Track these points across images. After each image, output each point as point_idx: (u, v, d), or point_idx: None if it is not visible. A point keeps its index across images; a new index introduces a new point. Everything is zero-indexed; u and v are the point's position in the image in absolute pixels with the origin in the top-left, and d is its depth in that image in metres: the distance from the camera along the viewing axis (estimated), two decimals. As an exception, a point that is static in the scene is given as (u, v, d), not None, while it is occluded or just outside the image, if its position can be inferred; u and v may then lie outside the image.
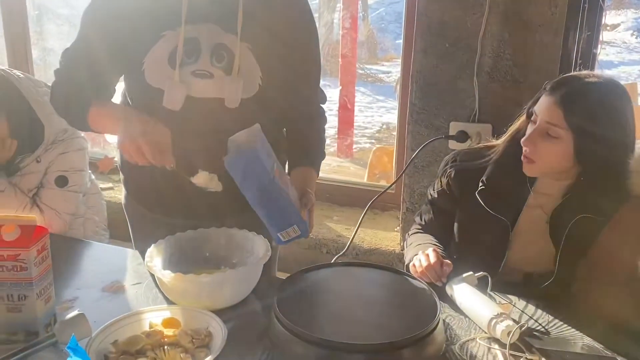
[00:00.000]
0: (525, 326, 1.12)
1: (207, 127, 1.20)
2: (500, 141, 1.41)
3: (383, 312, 1.11)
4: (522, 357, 1.03)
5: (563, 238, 1.29)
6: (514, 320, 1.10)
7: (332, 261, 1.59)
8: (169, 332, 1.03)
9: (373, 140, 6.18)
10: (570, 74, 1.33)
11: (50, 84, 1.83)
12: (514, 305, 1.23)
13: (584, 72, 1.31)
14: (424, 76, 1.93)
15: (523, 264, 1.37)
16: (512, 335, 1.05)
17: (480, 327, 1.13)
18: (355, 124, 5.70)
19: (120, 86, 1.36)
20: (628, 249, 1.21)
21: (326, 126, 1.46)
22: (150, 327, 1.05)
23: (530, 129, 1.29)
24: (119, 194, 2.61)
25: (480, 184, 1.37)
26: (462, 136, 1.89)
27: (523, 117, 1.35)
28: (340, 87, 5.00)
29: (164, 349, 0.98)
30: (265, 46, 1.26)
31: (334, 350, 0.95)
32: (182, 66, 1.21)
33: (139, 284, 1.28)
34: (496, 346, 1.07)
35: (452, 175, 1.44)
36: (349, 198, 2.43)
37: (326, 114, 1.46)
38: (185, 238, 1.28)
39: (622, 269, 1.23)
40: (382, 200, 2.24)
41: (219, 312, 1.08)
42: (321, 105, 1.43)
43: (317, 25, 1.40)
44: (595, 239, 1.27)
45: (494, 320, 1.09)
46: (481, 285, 1.24)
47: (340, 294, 1.15)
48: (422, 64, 1.93)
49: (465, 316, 1.18)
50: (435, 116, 1.95)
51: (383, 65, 10.26)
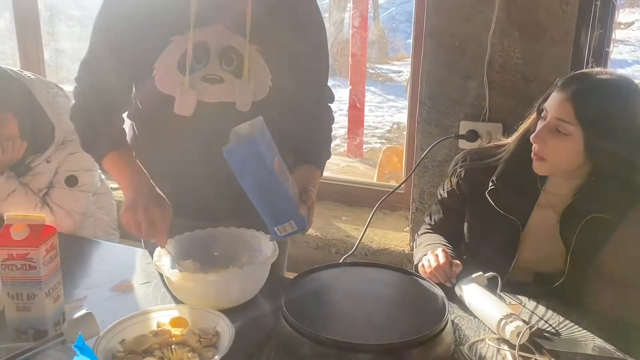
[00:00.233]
0: (535, 327, 1.10)
1: (218, 131, 1.20)
2: (511, 140, 1.40)
3: (391, 312, 1.10)
4: (532, 358, 1.02)
5: (574, 238, 1.28)
6: (524, 321, 1.08)
7: (341, 261, 1.59)
8: (176, 331, 1.03)
9: (383, 140, 6.17)
10: (582, 70, 1.32)
11: (61, 85, 1.86)
12: (524, 306, 1.22)
13: (596, 69, 1.30)
14: (433, 75, 1.92)
15: (533, 264, 1.36)
16: (522, 336, 1.04)
17: (489, 328, 1.12)
18: (365, 123, 5.69)
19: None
20: (638, 250, 1.20)
21: (336, 126, 1.45)
22: (158, 326, 1.05)
23: (540, 125, 1.28)
24: (130, 193, 2.63)
25: (490, 183, 1.35)
26: (472, 135, 1.87)
27: (533, 115, 1.33)
28: (350, 87, 4.99)
29: (171, 349, 0.98)
30: (274, 48, 1.25)
31: (342, 350, 0.95)
32: (192, 71, 1.21)
33: (148, 284, 1.28)
34: (506, 347, 1.06)
35: (462, 175, 1.43)
36: (358, 198, 2.42)
37: (334, 113, 1.45)
38: (194, 237, 1.28)
39: (635, 269, 1.21)
40: (391, 200, 2.23)
41: (226, 312, 1.08)
42: (329, 104, 1.43)
43: (327, 24, 1.40)
44: (608, 239, 1.26)
45: (504, 321, 1.08)
46: (491, 285, 1.23)
47: (348, 294, 1.15)
48: (432, 63, 1.91)
49: (475, 317, 1.17)
50: (445, 115, 1.94)
51: (394, 64, 10.24)
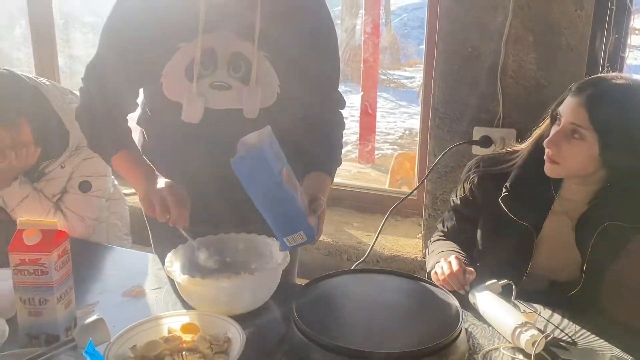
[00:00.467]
0: (551, 336, 1.08)
1: (226, 138, 1.19)
2: (524, 145, 1.39)
3: (404, 320, 1.09)
4: (547, 368, 1.00)
5: (590, 246, 1.26)
6: (539, 330, 1.07)
7: (352, 268, 1.58)
8: (187, 337, 1.02)
9: (395, 146, 6.15)
10: (596, 75, 1.30)
11: (75, 92, 1.87)
12: (539, 315, 1.20)
13: (611, 74, 1.28)
14: (446, 80, 1.91)
15: (548, 271, 1.34)
16: (537, 346, 1.02)
17: (504, 337, 1.10)
18: (377, 129, 5.68)
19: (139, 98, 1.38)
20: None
21: (347, 132, 1.45)
22: (169, 332, 1.05)
23: (554, 130, 1.26)
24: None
25: (504, 190, 1.34)
26: (486, 141, 1.85)
27: (547, 121, 1.32)
28: (362, 93, 4.99)
29: (182, 355, 0.98)
30: (283, 54, 1.25)
31: (353, 358, 0.94)
32: (200, 78, 1.21)
33: (159, 289, 1.28)
34: (521, 356, 1.04)
35: (475, 181, 1.42)
36: (370, 204, 2.40)
37: (345, 120, 1.44)
38: (205, 243, 1.28)
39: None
40: (403, 206, 2.22)
41: (237, 318, 1.07)
42: (340, 110, 1.42)
43: (339, 30, 1.39)
44: (624, 246, 1.23)
45: (519, 330, 1.06)
46: (505, 293, 1.21)
47: (360, 301, 1.14)
48: (445, 68, 1.90)
49: (489, 325, 1.15)
50: (458, 121, 1.92)
51: (406, 70, 10.22)
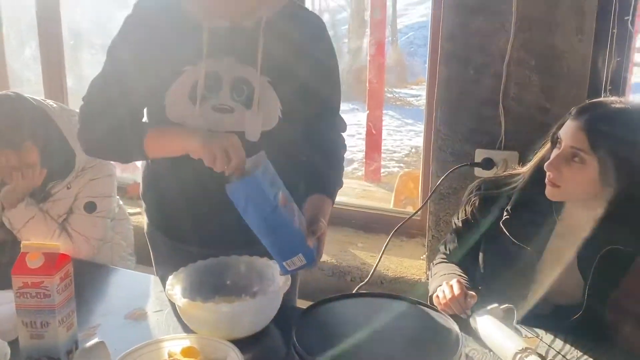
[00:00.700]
0: (552, 362, 1.08)
1: None
2: (526, 169, 1.39)
3: (403, 344, 1.09)
4: (548, 395, 1.00)
5: (592, 270, 1.25)
6: (540, 356, 1.06)
7: (355, 291, 1.58)
8: (186, 361, 1.03)
9: (402, 164, 6.16)
10: (596, 99, 1.31)
11: None
12: (541, 340, 1.19)
13: (611, 98, 1.29)
14: (449, 102, 1.93)
15: (551, 295, 1.33)
16: (538, 372, 1.02)
17: (504, 362, 1.10)
18: (383, 147, 5.69)
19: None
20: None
21: (354, 149, 1.46)
22: (169, 356, 1.05)
23: (554, 154, 1.27)
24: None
25: (505, 213, 1.34)
26: (488, 163, 1.86)
27: (548, 144, 1.32)
28: (368, 112, 5.01)
29: (181, 379, 0.98)
30: (285, 79, 1.27)
31: (352, 384, 0.93)
32: (203, 101, 1.22)
33: (161, 312, 1.29)
34: (521, 383, 1.04)
35: (477, 203, 1.42)
36: (374, 224, 2.41)
37: (352, 137, 1.45)
38: (207, 265, 1.29)
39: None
40: (408, 227, 2.22)
41: (237, 342, 1.07)
42: (341, 133, 1.43)
43: (345, 50, 1.41)
44: (627, 271, 1.23)
45: (519, 355, 1.06)
46: (508, 317, 1.21)
47: (360, 325, 1.13)
48: (447, 90, 1.92)
49: (490, 350, 1.15)
50: (461, 143, 1.93)
51: (412, 89, 10.27)
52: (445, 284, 1.30)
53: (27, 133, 1.70)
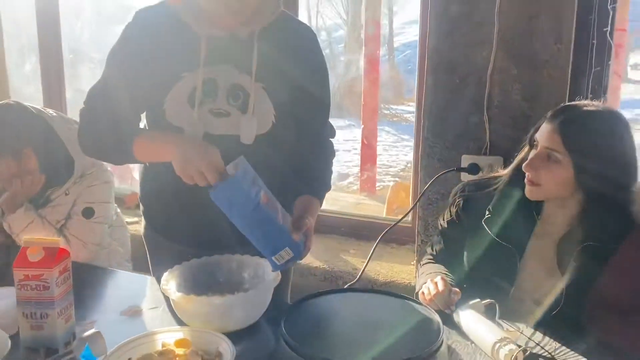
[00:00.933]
0: (529, 351, 1.12)
1: (224, 161, 1.27)
2: (507, 171, 1.45)
3: (388, 335, 1.13)
4: (525, 380, 1.04)
5: (570, 266, 1.30)
6: (519, 346, 1.11)
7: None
8: (180, 351, 1.07)
9: (397, 179, 6.22)
10: (569, 103, 1.38)
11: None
12: (521, 333, 1.24)
13: (583, 101, 1.36)
14: (435, 111, 1.99)
15: (533, 292, 1.38)
16: (516, 359, 1.06)
17: (485, 352, 1.14)
18: (379, 162, 5.77)
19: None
20: (634, 276, 1.22)
21: (350, 164, 1.53)
22: (163, 346, 1.09)
23: (532, 154, 1.33)
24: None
25: (487, 212, 1.40)
26: (474, 169, 1.92)
27: (527, 147, 1.39)
28: (363, 126, 5.10)
29: (174, 367, 1.02)
30: (278, 86, 1.33)
31: (337, 370, 0.98)
32: (201, 105, 1.29)
33: (156, 308, 1.33)
34: (500, 370, 1.08)
35: (461, 204, 1.48)
36: (366, 231, 2.45)
37: (334, 147, 1.52)
38: (200, 264, 1.34)
39: (630, 295, 1.23)
40: (399, 234, 2.27)
41: (229, 335, 1.11)
42: (330, 139, 1.49)
43: (341, 65, 1.48)
44: (603, 266, 1.28)
45: (498, 345, 1.10)
46: (490, 312, 1.26)
47: (347, 318, 1.19)
48: (434, 100, 1.99)
49: (472, 342, 1.20)
50: (448, 150, 1.99)
51: (409, 105, 10.37)
52: (430, 281, 1.35)
53: (27, 141, 1.76)
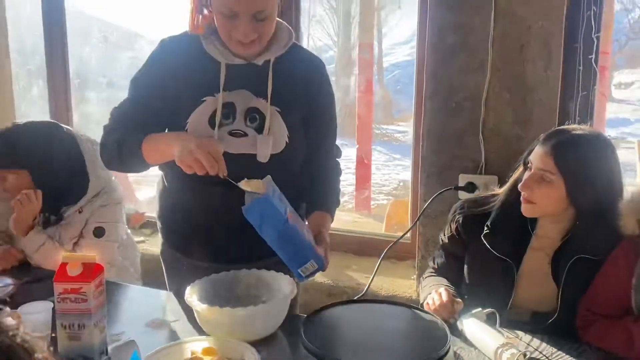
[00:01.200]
0: (528, 355, 1.22)
1: (240, 178, 1.37)
2: (503, 189, 1.56)
3: (399, 341, 1.23)
4: (525, 381, 1.13)
5: (563, 278, 1.41)
6: (518, 350, 1.20)
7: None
8: (208, 358, 1.15)
9: (390, 197, 6.33)
10: (561, 127, 1.50)
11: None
12: (520, 340, 1.33)
13: (572, 125, 1.48)
14: (434, 133, 2.11)
15: (529, 303, 1.47)
16: (517, 362, 1.16)
17: (488, 357, 1.24)
18: (373, 181, 5.88)
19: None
20: (622, 285, 1.32)
21: (344, 183, 1.63)
22: (192, 354, 1.18)
23: (526, 175, 1.44)
24: (150, 246, 2.78)
25: (486, 228, 1.50)
26: (471, 187, 2.03)
27: (521, 167, 1.50)
28: (358, 146, 5.22)
29: (204, 372, 1.10)
30: (291, 110, 1.44)
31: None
32: (220, 127, 1.39)
33: (177, 321, 1.41)
34: (502, 373, 1.17)
35: (461, 221, 1.58)
36: (367, 248, 2.55)
37: (341, 166, 1.63)
38: (219, 279, 1.42)
39: (617, 304, 1.34)
40: (398, 250, 2.37)
41: (250, 344, 1.20)
42: (337, 159, 1.61)
43: (335, 87, 1.60)
44: (593, 277, 1.39)
45: (500, 350, 1.20)
46: (490, 321, 1.35)
47: (360, 326, 1.28)
48: (432, 122, 2.10)
49: (475, 348, 1.29)
50: (446, 169, 2.11)
51: (399, 125, 10.53)
52: (434, 292, 1.44)
53: (54, 153, 1.84)
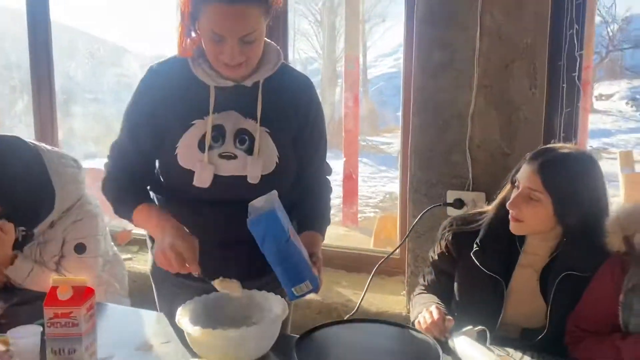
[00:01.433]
0: (520, 372, 1.23)
1: (231, 200, 1.37)
2: (491, 207, 1.57)
3: (392, 358, 1.23)
4: (517, 400, 1.14)
5: (552, 294, 1.42)
6: (510, 368, 1.21)
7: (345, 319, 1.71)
8: (200, 381, 1.15)
9: (377, 210, 6.35)
10: (546, 145, 1.52)
11: (77, 159, 2.01)
12: (511, 357, 1.34)
13: (559, 144, 1.50)
14: (422, 150, 2.13)
15: (519, 319, 1.49)
16: (508, 380, 1.17)
17: (479, 375, 1.25)
18: (359, 193, 5.90)
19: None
20: (609, 302, 1.34)
21: (332, 196, 1.63)
22: (183, 378, 1.17)
23: (514, 194, 1.46)
24: (137, 264, 2.76)
25: (475, 245, 1.51)
26: (459, 203, 2.05)
27: (509, 185, 1.52)
28: (345, 159, 5.24)
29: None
30: (281, 130, 1.45)
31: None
32: (210, 149, 1.39)
33: (168, 343, 1.40)
34: (494, 391, 1.18)
35: (450, 238, 1.59)
36: (357, 264, 2.55)
37: (331, 184, 1.64)
38: (211, 299, 1.41)
39: (604, 321, 1.35)
40: (388, 266, 2.37)
41: (242, 366, 1.20)
42: (327, 177, 1.61)
43: (320, 99, 1.61)
44: (581, 293, 1.40)
45: (492, 367, 1.21)
46: (481, 338, 1.36)
47: (353, 346, 1.28)
48: (420, 139, 2.13)
49: (467, 366, 1.30)
50: (434, 186, 2.13)
51: (384, 136, 10.61)
52: (425, 311, 1.45)
53: (14, 169, 1.75)
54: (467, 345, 1.32)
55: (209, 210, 1.43)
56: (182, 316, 1.32)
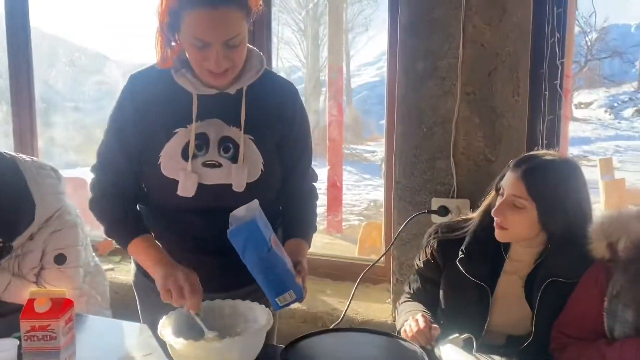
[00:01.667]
0: (506, 380, 1.23)
1: (216, 209, 1.35)
2: (476, 214, 1.58)
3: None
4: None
5: (537, 301, 1.42)
6: (496, 375, 1.21)
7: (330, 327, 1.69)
8: (182, 395, 1.12)
9: (362, 217, 6.36)
10: (530, 153, 1.53)
11: (56, 169, 1.97)
12: (497, 364, 1.34)
13: (542, 151, 1.51)
14: (405, 157, 2.13)
15: (504, 326, 1.49)
16: (494, 388, 1.16)
17: (466, 384, 1.24)
18: (344, 201, 5.90)
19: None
20: (594, 308, 1.35)
21: (317, 202, 1.62)
22: (166, 391, 1.14)
23: (499, 201, 1.46)
24: (120, 274, 2.71)
25: (460, 252, 1.51)
26: (443, 211, 2.05)
27: (493, 193, 1.52)
28: (329, 167, 5.24)
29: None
30: (265, 137, 1.43)
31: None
32: (194, 158, 1.37)
33: (150, 355, 1.37)
34: (481, 400, 1.18)
35: (435, 245, 1.59)
36: (342, 272, 2.54)
37: (317, 191, 1.62)
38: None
39: (589, 327, 1.36)
40: (373, 273, 2.36)
41: (226, 377, 1.17)
42: (313, 183, 1.60)
43: (306, 107, 1.60)
44: (566, 300, 1.41)
45: (478, 375, 1.20)
46: (467, 346, 1.36)
47: (339, 356, 1.26)
48: (404, 147, 2.13)
49: (453, 374, 1.29)
50: (418, 193, 2.13)
51: (368, 145, 10.66)
52: (411, 319, 1.44)
53: None
54: (453, 353, 1.31)
55: (194, 219, 1.40)
56: (164, 327, 1.29)
